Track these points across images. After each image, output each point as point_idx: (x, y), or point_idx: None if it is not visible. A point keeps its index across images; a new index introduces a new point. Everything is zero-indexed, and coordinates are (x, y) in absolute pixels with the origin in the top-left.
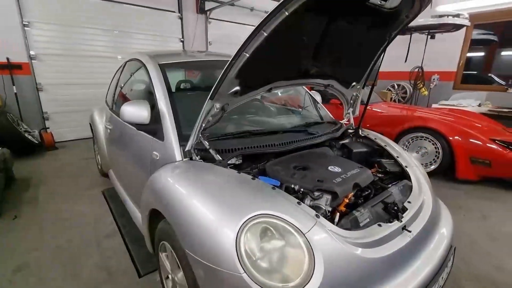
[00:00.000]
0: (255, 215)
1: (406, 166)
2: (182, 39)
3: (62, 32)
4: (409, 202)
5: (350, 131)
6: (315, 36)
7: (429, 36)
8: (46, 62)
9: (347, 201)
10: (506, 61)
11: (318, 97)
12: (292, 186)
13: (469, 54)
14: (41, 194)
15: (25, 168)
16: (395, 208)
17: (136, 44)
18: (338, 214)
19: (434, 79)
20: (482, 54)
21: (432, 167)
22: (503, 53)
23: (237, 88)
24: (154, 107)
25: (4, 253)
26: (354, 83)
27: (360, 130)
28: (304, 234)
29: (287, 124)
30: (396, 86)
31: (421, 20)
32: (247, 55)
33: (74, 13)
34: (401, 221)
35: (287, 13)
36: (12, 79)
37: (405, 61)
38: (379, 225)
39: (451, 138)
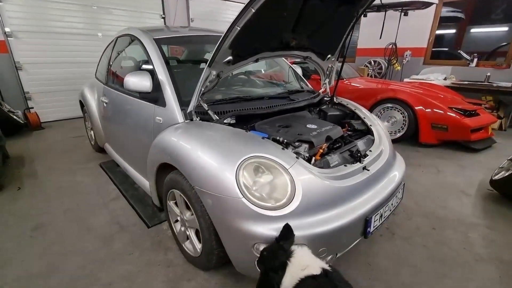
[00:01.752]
0: (249, 157)
1: (370, 125)
2: (163, 15)
3: (37, 7)
4: (370, 150)
5: (326, 98)
6: (294, 12)
7: (402, 13)
8: (24, 39)
9: (321, 151)
10: (474, 37)
11: (299, 70)
12: (278, 138)
13: (440, 31)
14: (39, 169)
15: (15, 147)
16: (358, 154)
17: (115, 21)
18: (314, 158)
19: (406, 55)
20: (453, 31)
21: (399, 134)
22: (472, 30)
23: (230, 57)
24: (153, 78)
25: (17, 218)
26: (329, 56)
27: (334, 98)
28: (288, 169)
29: (272, 92)
30: (372, 63)
31: None
32: (238, 28)
33: None
34: (362, 163)
35: None
36: None
37: (380, 37)
38: (345, 165)
39: (416, 108)
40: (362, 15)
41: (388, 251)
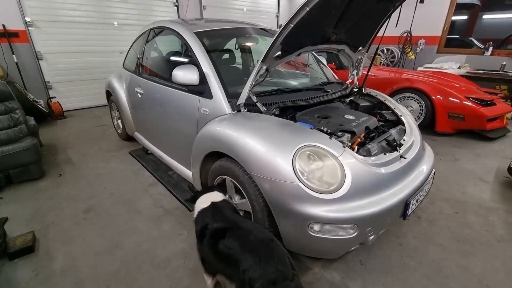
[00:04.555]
0: (303, 146)
1: (401, 115)
2: (177, 3)
3: None
4: (404, 140)
5: (355, 89)
6: (340, 8)
7: (418, 0)
8: (43, 29)
9: (359, 140)
10: (487, 25)
11: (324, 60)
12: (322, 128)
13: (453, 18)
14: (73, 156)
15: (44, 135)
16: (395, 143)
17: (131, 9)
18: (356, 147)
19: (420, 43)
20: (465, 17)
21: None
22: (484, 16)
23: (279, 53)
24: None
25: (67, 201)
26: (360, 48)
27: (363, 89)
28: (337, 157)
29: (304, 85)
30: (385, 51)
31: None
32: (292, 26)
33: None
34: (399, 152)
35: None
36: (11, 47)
37: (396, 26)
38: (385, 154)
39: (433, 97)
40: None
41: (416, 233)
